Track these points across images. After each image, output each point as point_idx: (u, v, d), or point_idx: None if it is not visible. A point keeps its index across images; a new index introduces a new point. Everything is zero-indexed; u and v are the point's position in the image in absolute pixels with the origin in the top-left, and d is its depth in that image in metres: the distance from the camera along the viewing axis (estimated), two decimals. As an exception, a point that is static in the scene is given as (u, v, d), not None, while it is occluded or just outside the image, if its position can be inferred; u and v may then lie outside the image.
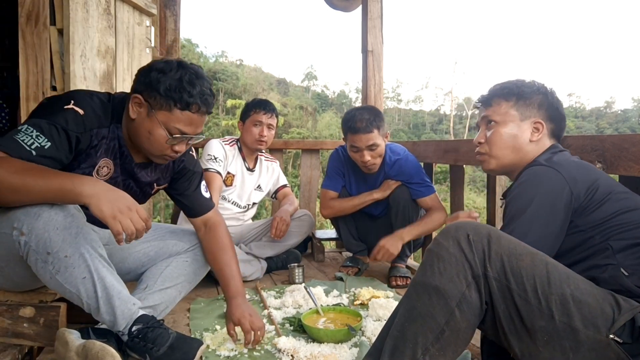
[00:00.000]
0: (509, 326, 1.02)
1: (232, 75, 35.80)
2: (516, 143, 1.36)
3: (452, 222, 1.12)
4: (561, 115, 1.41)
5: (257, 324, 1.55)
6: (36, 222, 1.23)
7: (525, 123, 1.37)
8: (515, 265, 1.01)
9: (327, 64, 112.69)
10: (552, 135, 1.39)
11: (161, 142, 1.42)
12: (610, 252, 1.10)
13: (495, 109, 1.40)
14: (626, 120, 46.92)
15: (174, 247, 1.72)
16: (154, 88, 1.37)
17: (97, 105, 1.41)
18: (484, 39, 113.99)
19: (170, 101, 1.37)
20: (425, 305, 1.04)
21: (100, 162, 1.44)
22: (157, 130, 1.40)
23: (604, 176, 1.23)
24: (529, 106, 1.37)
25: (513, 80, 1.43)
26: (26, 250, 1.25)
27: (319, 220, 6.77)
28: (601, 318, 0.97)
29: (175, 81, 1.37)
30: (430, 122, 47.98)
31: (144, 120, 1.41)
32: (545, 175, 1.21)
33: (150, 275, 1.65)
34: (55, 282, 1.28)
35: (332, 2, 3.90)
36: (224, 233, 1.73)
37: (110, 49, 2.43)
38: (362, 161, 2.37)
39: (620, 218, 1.14)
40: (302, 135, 26.86)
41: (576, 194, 1.17)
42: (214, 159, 2.57)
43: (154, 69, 1.39)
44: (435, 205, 2.41)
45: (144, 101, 1.39)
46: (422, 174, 2.45)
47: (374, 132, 2.29)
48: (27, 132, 1.27)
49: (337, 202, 2.57)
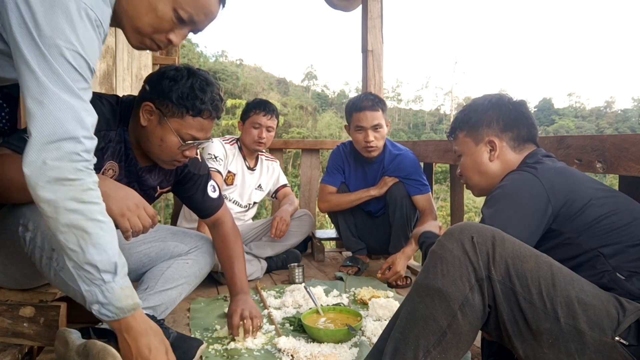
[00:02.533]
0: (514, 329, 1.02)
1: (232, 75, 35.81)
2: (480, 168, 1.41)
3: (457, 224, 1.11)
4: (520, 117, 1.39)
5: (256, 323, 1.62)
6: (42, 219, 1.23)
7: (480, 146, 1.41)
8: (519, 267, 1.01)
9: (327, 63, 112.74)
10: (521, 141, 1.38)
11: (173, 148, 1.43)
12: (603, 259, 1.10)
13: (457, 142, 1.48)
14: (626, 120, 46.94)
15: (175, 249, 1.72)
16: (166, 96, 1.38)
17: (106, 108, 1.42)
18: (484, 39, 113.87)
19: (183, 109, 1.38)
20: (427, 308, 1.04)
21: (106, 164, 1.45)
22: (169, 137, 1.41)
23: (585, 182, 1.23)
24: (479, 129, 1.41)
25: (466, 106, 1.49)
26: (31, 246, 1.25)
27: (319, 220, 6.77)
28: (607, 320, 0.96)
29: (187, 89, 1.38)
30: (430, 122, 48.01)
31: (156, 127, 1.41)
32: (524, 180, 1.23)
33: (151, 277, 1.65)
34: (59, 279, 1.28)
35: (332, 2, 3.90)
36: (229, 230, 1.77)
37: (110, 48, 2.43)
38: (366, 141, 2.39)
39: (605, 222, 1.13)
40: (302, 135, 26.85)
41: (554, 202, 1.17)
42: (214, 158, 2.56)
43: (165, 77, 1.40)
44: (428, 208, 2.43)
45: (155, 109, 1.40)
46: (420, 173, 2.48)
47: (379, 112, 2.37)
48: None
49: (335, 197, 2.61)
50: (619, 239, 1.11)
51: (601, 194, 1.19)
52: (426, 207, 2.43)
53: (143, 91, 1.45)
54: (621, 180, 1.56)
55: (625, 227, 1.13)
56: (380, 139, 2.42)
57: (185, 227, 2.50)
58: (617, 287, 1.04)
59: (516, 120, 1.39)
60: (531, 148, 1.39)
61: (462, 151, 1.46)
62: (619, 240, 1.11)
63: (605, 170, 1.52)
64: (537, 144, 1.41)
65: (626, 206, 1.18)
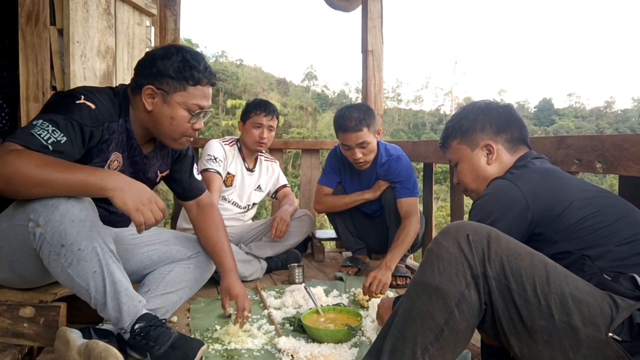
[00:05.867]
0: (509, 326, 1.03)
1: (232, 75, 35.84)
2: (479, 173, 1.41)
3: (453, 223, 1.12)
4: (511, 120, 1.40)
5: (247, 305, 1.71)
6: (53, 214, 1.24)
7: (476, 151, 1.41)
8: (514, 265, 1.02)
9: (327, 64, 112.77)
10: (515, 143, 1.39)
11: (183, 123, 1.48)
12: (589, 262, 1.10)
13: (450, 151, 1.48)
14: (626, 120, 46.93)
15: (177, 253, 1.74)
16: (164, 74, 1.42)
17: (106, 100, 1.44)
18: (484, 39, 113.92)
19: (183, 81, 1.44)
20: (424, 305, 1.05)
21: (112, 156, 1.47)
22: (178, 113, 1.46)
23: (570, 183, 1.23)
24: (473, 134, 1.41)
25: (455, 115, 1.49)
26: (40, 242, 1.26)
27: (319, 220, 6.77)
28: (600, 317, 0.97)
29: (181, 62, 1.43)
30: (430, 122, 47.97)
31: (162, 107, 1.45)
32: (502, 187, 1.25)
33: (153, 280, 1.66)
34: (66, 275, 1.29)
35: (332, 2, 3.90)
36: (217, 213, 1.82)
37: (110, 49, 2.43)
38: (354, 159, 2.39)
39: (588, 223, 1.14)
40: (302, 135, 26.84)
41: (534, 206, 1.18)
42: (213, 159, 2.56)
43: (157, 58, 1.44)
44: (409, 212, 2.37)
45: (157, 90, 1.44)
46: (408, 176, 2.44)
47: (363, 130, 2.31)
48: (43, 127, 1.28)
49: (330, 199, 2.62)
50: (604, 239, 1.12)
51: (586, 195, 1.20)
52: (407, 211, 2.37)
53: (136, 79, 1.47)
54: (621, 180, 1.56)
55: (610, 227, 1.13)
56: (369, 153, 2.39)
57: (185, 227, 2.50)
58: (606, 288, 1.04)
59: (508, 122, 1.40)
60: (524, 150, 1.40)
61: (457, 159, 1.46)
62: (603, 241, 1.12)
63: (605, 170, 1.52)
64: (529, 145, 1.42)
65: (612, 206, 1.18)
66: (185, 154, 1.74)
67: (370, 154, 2.40)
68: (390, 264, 2.18)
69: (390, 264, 2.18)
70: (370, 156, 2.41)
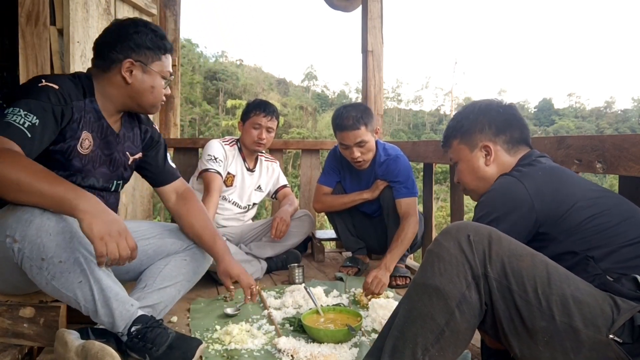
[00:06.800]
0: (510, 327, 1.02)
1: (232, 75, 35.83)
2: (477, 173, 1.41)
3: (453, 223, 1.12)
4: (512, 120, 1.40)
5: (251, 280, 1.76)
6: (28, 229, 1.23)
7: (476, 152, 1.41)
8: (515, 266, 1.02)
9: (327, 64, 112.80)
10: (515, 144, 1.39)
11: (161, 90, 1.57)
12: (593, 263, 1.10)
13: (451, 150, 1.50)
14: (626, 120, 46.93)
15: (172, 246, 1.72)
16: (142, 46, 1.50)
17: (67, 82, 1.45)
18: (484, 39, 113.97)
19: (158, 51, 1.53)
20: (425, 306, 1.05)
21: (82, 135, 1.47)
22: (157, 81, 1.55)
23: (576, 183, 1.23)
24: (472, 135, 1.41)
25: (457, 114, 1.50)
26: (20, 257, 1.25)
27: (319, 221, 6.77)
28: (601, 318, 0.97)
29: (152, 33, 1.52)
30: (430, 122, 47.97)
31: (143, 77, 1.52)
32: (508, 184, 1.25)
33: (149, 275, 1.64)
34: (51, 287, 1.28)
35: (332, 2, 3.91)
36: (199, 200, 1.83)
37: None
38: (352, 158, 2.39)
39: (593, 223, 1.13)
40: (302, 135, 26.85)
41: (539, 205, 1.17)
42: (214, 159, 2.56)
43: (129, 33, 1.48)
44: (408, 212, 2.36)
45: (135, 62, 1.49)
46: (406, 176, 2.43)
47: (361, 129, 2.31)
48: (16, 112, 1.29)
49: (329, 198, 2.62)
50: (608, 240, 1.11)
51: (591, 194, 1.19)
52: (405, 211, 2.36)
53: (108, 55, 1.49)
54: (621, 181, 1.56)
55: (615, 228, 1.13)
56: (367, 152, 2.39)
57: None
58: (608, 289, 1.04)
59: (508, 122, 1.39)
60: (525, 150, 1.39)
61: (457, 159, 1.47)
62: (608, 241, 1.11)
63: (605, 170, 1.52)
64: (531, 145, 1.42)
65: (617, 206, 1.18)
66: (158, 140, 1.77)
67: (368, 153, 2.40)
68: (389, 265, 2.18)
69: (389, 265, 2.18)
70: (368, 155, 2.41)
